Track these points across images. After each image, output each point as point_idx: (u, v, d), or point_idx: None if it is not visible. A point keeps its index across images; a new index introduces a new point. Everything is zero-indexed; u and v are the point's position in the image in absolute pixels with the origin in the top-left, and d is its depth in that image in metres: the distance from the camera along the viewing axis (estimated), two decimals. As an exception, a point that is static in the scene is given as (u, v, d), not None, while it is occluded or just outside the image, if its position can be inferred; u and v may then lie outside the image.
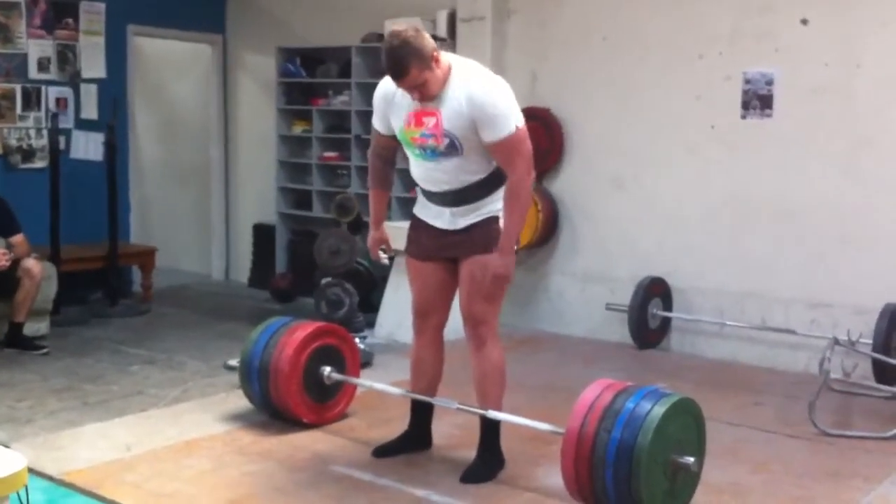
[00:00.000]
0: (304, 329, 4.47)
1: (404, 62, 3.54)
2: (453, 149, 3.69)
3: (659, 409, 3.36)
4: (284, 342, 4.42)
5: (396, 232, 4.34)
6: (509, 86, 3.74)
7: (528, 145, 3.71)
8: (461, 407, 4.03)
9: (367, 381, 4.64)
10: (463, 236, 3.84)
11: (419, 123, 3.72)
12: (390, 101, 3.83)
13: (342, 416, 4.66)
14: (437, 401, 4.13)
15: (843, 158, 5.72)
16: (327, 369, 4.49)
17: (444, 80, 3.64)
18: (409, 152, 3.87)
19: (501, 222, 3.80)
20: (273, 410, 4.54)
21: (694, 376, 5.63)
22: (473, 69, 3.70)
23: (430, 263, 3.98)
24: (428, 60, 3.57)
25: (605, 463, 3.36)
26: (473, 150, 3.69)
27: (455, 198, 3.81)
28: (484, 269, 3.76)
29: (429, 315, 4.06)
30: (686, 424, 3.52)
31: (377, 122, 3.98)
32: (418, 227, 4.01)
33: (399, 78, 3.59)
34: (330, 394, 4.58)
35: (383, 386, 4.59)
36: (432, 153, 3.74)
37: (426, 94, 3.62)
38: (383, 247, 4.20)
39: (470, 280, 3.83)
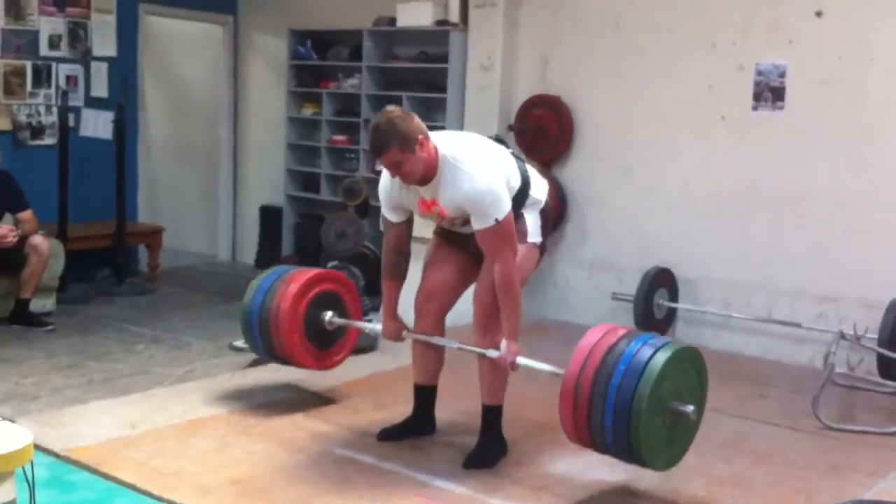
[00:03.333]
0: (304, 274, 4.44)
1: (386, 140, 3.60)
2: (467, 220, 3.77)
3: (660, 357, 3.32)
4: (285, 288, 4.38)
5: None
6: (496, 166, 3.76)
7: (512, 233, 3.73)
8: (462, 347, 3.96)
9: (368, 324, 4.57)
10: None
11: (428, 208, 3.82)
12: (397, 194, 3.88)
13: (343, 362, 4.67)
14: (438, 340, 4.06)
15: (855, 152, 5.70)
16: (328, 314, 4.45)
17: (433, 165, 3.68)
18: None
19: (527, 218, 3.89)
20: (275, 357, 4.53)
21: (698, 367, 5.62)
22: (461, 159, 3.69)
23: (455, 248, 4.03)
24: (411, 144, 3.60)
25: (604, 409, 3.32)
26: None
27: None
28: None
29: (434, 297, 4.08)
30: (687, 374, 3.47)
31: (389, 213, 4.00)
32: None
33: (377, 154, 3.66)
34: (332, 340, 4.54)
35: (373, 327, 4.49)
36: (451, 225, 3.92)
37: (403, 174, 3.66)
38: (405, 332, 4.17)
39: (490, 277, 3.81)
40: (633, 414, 3.27)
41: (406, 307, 4.15)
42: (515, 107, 6.85)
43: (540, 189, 3.99)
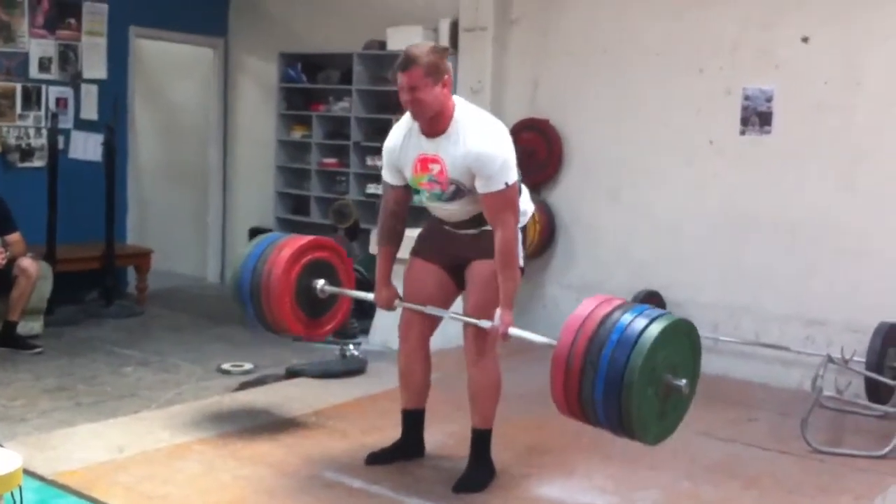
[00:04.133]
0: (296, 241, 4.36)
1: (415, 58, 3.62)
2: (459, 192, 3.74)
3: (652, 330, 3.26)
4: (277, 254, 4.30)
5: (409, 241, 4.24)
6: (507, 134, 3.78)
7: (517, 201, 3.74)
8: (453, 316, 3.92)
9: (362, 293, 4.49)
10: (475, 238, 3.85)
11: (425, 169, 3.76)
12: (398, 152, 3.86)
13: (334, 332, 4.64)
14: (430, 309, 3.97)
15: (842, 176, 5.74)
16: (320, 282, 4.36)
17: (446, 114, 3.68)
18: (422, 198, 3.92)
19: None
20: (264, 323, 4.43)
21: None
22: (476, 119, 3.72)
23: (433, 266, 3.99)
24: (436, 74, 3.61)
25: (595, 379, 3.26)
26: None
27: (470, 223, 3.86)
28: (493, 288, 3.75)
29: (416, 320, 4.04)
30: (681, 346, 3.41)
31: (388, 175, 3.97)
32: (433, 228, 4.04)
33: (402, 68, 3.63)
34: (324, 308, 4.46)
35: (366, 296, 4.40)
36: (439, 197, 3.81)
37: (417, 101, 3.63)
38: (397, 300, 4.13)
39: (481, 286, 3.81)
40: (625, 384, 3.19)
41: (396, 325, 4.13)
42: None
43: (527, 201, 3.97)
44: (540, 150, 6.75)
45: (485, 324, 3.74)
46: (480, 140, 3.63)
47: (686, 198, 6.31)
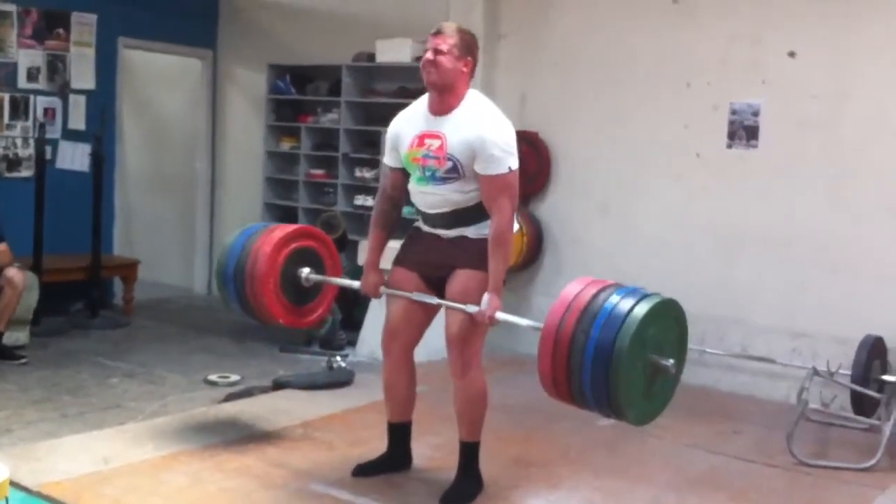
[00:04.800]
0: (282, 230, 4.34)
1: (452, 29, 3.77)
2: (454, 172, 3.74)
3: (640, 310, 3.27)
4: (262, 242, 4.26)
5: (391, 252, 4.22)
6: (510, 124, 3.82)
7: (516, 190, 3.77)
8: (440, 302, 3.86)
9: (346, 280, 4.47)
10: (454, 245, 3.84)
11: (421, 144, 3.80)
12: (400, 134, 3.91)
13: (320, 321, 4.62)
14: (416, 296, 3.92)
15: (828, 189, 5.78)
16: (305, 270, 4.32)
17: (458, 93, 3.77)
18: (412, 179, 3.90)
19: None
20: (248, 309, 4.39)
21: (674, 402, 5.58)
22: (486, 107, 3.80)
23: (415, 276, 3.97)
24: (464, 49, 3.76)
25: (583, 362, 3.26)
26: (473, 177, 3.74)
27: (451, 220, 3.84)
28: (469, 288, 3.75)
29: (398, 333, 4.02)
30: (667, 327, 3.42)
31: (389, 158, 4.01)
32: (414, 236, 4.04)
33: (437, 32, 3.76)
34: (308, 297, 4.42)
35: (351, 283, 4.35)
36: (431, 176, 3.79)
37: (437, 63, 3.71)
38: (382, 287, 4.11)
39: (461, 295, 3.80)
40: (613, 360, 3.20)
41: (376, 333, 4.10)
42: (493, 143, 6.89)
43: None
44: (529, 162, 6.74)
45: (472, 308, 3.72)
46: (488, 122, 3.71)
47: (674, 211, 6.34)
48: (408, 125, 3.90)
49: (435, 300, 3.90)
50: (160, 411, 5.10)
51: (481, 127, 3.68)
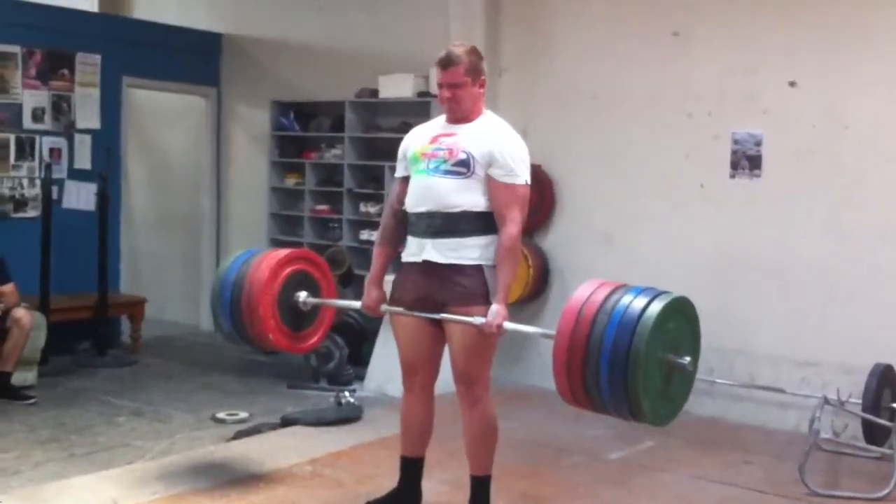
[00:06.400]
0: (277, 254, 4.31)
1: (458, 58, 3.76)
2: (463, 166, 3.73)
3: (653, 309, 3.25)
4: (257, 267, 4.22)
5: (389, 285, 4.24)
6: None
7: (527, 202, 3.82)
8: (443, 317, 3.80)
9: (345, 301, 4.46)
10: (447, 277, 3.77)
11: (435, 141, 3.84)
12: (413, 143, 3.94)
13: (317, 345, 4.57)
14: (418, 314, 3.86)
15: (831, 218, 5.78)
16: (303, 294, 4.29)
17: (476, 111, 3.83)
18: (413, 173, 3.87)
19: (487, 275, 3.76)
20: (246, 338, 4.34)
21: (683, 434, 5.60)
22: (504, 123, 3.89)
23: (411, 320, 3.91)
24: (475, 73, 3.78)
25: (599, 367, 3.24)
26: (480, 180, 3.74)
27: (442, 225, 3.77)
28: (476, 332, 3.72)
29: (416, 371, 3.99)
30: (680, 325, 3.40)
31: (400, 168, 4.01)
32: (404, 272, 3.97)
33: (445, 66, 3.76)
34: (306, 322, 4.38)
35: (351, 304, 4.37)
36: (436, 168, 3.78)
37: (455, 98, 3.76)
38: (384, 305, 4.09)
39: (462, 336, 3.79)
40: (630, 363, 3.18)
41: (391, 371, 4.07)
42: (497, 176, 6.90)
43: None
44: (532, 195, 6.74)
45: (479, 320, 3.67)
46: (508, 134, 3.82)
47: (677, 241, 6.34)
48: (423, 133, 3.95)
49: (438, 315, 3.81)
50: (168, 450, 5.08)
51: (503, 136, 3.78)
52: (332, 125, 7.84)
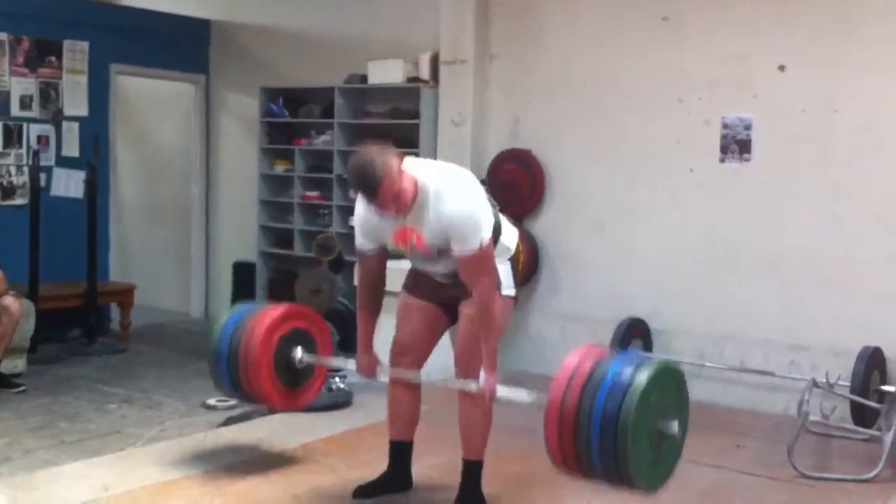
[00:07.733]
0: (273, 311, 4.33)
1: (373, 178, 3.50)
2: (441, 252, 3.73)
3: (641, 378, 3.26)
4: (254, 325, 4.25)
5: (397, 274, 4.19)
6: (477, 183, 3.78)
7: (493, 260, 3.75)
8: (441, 382, 3.94)
9: (339, 359, 4.50)
10: (458, 283, 3.81)
11: (404, 239, 3.76)
12: (372, 224, 3.82)
13: (313, 401, 4.64)
14: (414, 377, 3.98)
15: (821, 203, 5.79)
16: (299, 352, 4.33)
17: (413, 194, 3.62)
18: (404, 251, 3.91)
19: (499, 269, 3.81)
20: (241, 393, 4.39)
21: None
22: (440, 181, 3.66)
23: (425, 300, 4.00)
24: (392, 174, 3.53)
25: (590, 435, 3.27)
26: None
27: (452, 275, 3.83)
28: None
29: (406, 352, 4.03)
30: (667, 389, 3.42)
31: (363, 242, 3.91)
32: (419, 273, 4.02)
33: (373, 195, 3.55)
34: (301, 378, 4.42)
35: (345, 362, 4.45)
36: (424, 259, 3.84)
37: (399, 205, 3.60)
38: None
39: (471, 322, 3.81)
40: (620, 435, 3.21)
41: (382, 358, 4.12)
42: (487, 162, 6.91)
43: (510, 237, 3.96)
44: (523, 181, 6.78)
45: (471, 386, 3.75)
46: (450, 204, 3.60)
47: (668, 226, 6.34)
48: (377, 218, 3.75)
49: (434, 383, 3.97)
50: (159, 437, 5.08)
51: (446, 211, 3.59)
52: (322, 111, 7.82)
